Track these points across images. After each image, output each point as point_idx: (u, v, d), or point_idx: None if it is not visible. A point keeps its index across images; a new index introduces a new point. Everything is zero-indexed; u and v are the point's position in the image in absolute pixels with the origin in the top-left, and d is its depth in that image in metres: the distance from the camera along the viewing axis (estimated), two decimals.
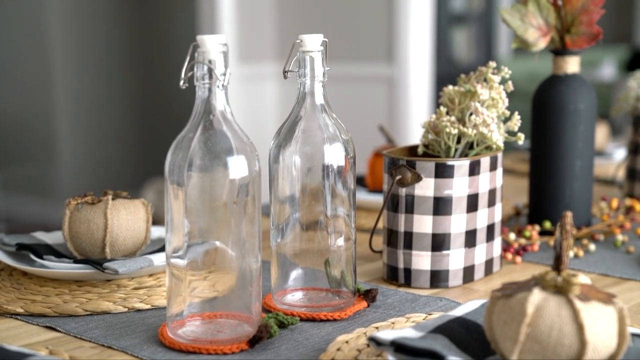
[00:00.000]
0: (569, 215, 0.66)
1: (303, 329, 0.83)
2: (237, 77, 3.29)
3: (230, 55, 3.24)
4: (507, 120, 1.03)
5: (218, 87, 0.77)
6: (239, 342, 0.77)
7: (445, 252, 0.97)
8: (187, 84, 0.77)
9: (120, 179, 4.51)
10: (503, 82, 1.03)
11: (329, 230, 0.89)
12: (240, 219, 0.78)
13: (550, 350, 0.62)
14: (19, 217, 4.37)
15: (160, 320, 0.86)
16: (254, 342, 0.77)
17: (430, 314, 0.86)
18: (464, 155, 1.01)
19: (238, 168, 0.77)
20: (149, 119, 4.66)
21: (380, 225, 1.02)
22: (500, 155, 1.01)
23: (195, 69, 0.77)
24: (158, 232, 1.09)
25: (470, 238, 0.98)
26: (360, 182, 1.47)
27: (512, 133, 1.04)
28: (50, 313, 0.87)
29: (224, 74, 0.77)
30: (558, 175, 1.17)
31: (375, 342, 0.68)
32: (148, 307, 0.90)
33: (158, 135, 4.58)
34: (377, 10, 3.20)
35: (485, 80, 1.02)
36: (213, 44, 0.76)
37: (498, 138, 0.99)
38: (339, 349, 0.76)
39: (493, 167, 1.00)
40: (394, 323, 0.83)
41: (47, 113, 4.36)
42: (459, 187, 0.96)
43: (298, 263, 0.90)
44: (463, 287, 0.99)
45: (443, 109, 1.01)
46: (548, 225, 1.16)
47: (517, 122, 1.02)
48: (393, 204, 0.97)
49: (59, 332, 0.84)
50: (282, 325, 0.82)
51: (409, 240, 0.97)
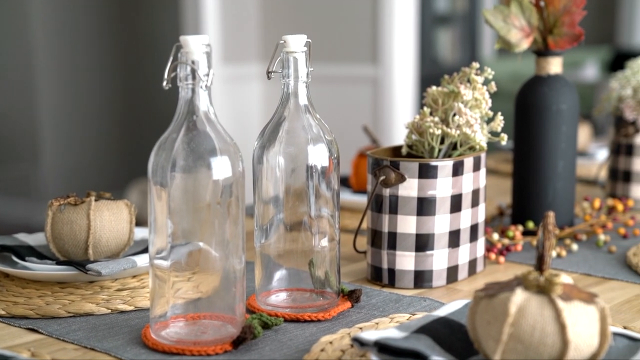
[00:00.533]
0: (551, 216, 0.66)
1: (287, 330, 0.83)
2: (221, 77, 3.28)
3: (215, 56, 3.25)
4: (490, 121, 1.04)
5: (201, 87, 0.77)
6: (223, 343, 0.77)
7: (429, 252, 0.97)
8: (170, 85, 0.77)
9: (104, 180, 4.49)
10: (486, 82, 1.03)
11: (313, 231, 0.89)
12: (224, 220, 0.78)
13: (533, 350, 0.62)
14: (2, 218, 4.34)
15: (144, 322, 0.85)
16: (238, 343, 0.77)
17: (414, 314, 0.86)
18: (448, 156, 1.02)
19: (221, 169, 0.77)
20: (133, 120, 4.64)
21: (364, 226, 1.02)
22: (484, 156, 1.02)
23: (179, 70, 0.77)
24: (142, 233, 1.09)
25: (454, 238, 0.99)
26: (345, 182, 1.47)
27: (495, 133, 1.04)
28: (33, 315, 0.87)
29: (207, 75, 0.77)
30: (541, 176, 1.18)
31: (359, 342, 0.68)
32: (131, 308, 0.89)
33: (142, 136, 4.57)
34: (361, 11, 3.20)
35: (469, 81, 1.03)
36: (196, 45, 0.76)
37: (481, 138, 1.00)
38: (323, 350, 0.76)
39: (476, 167, 1.00)
40: (378, 323, 0.83)
41: (30, 114, 4.33)
42: (443, 187, 0.96)
43: (282, 264, 0.90)
44: (447, 287, 0.99)
45: (427, 110, 1.02)
46: (531, 226, 1.17)
47: (500, 122, 1.03)
48: (377, 205, 0.98)
49: (41, 334, 0.83)
50: (266, 326, 0.82)
51: (393, 241, 0.97)
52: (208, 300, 0.80)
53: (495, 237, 1.12)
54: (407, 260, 0.97)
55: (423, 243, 0.97)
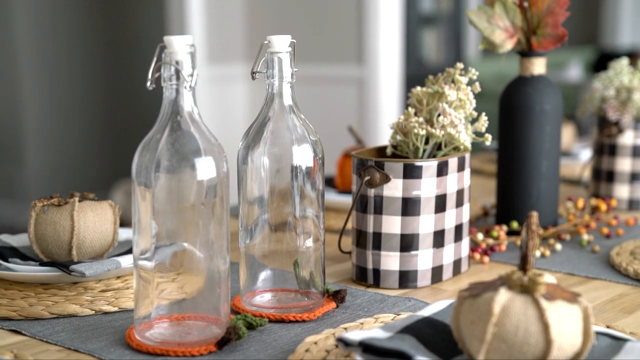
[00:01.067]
0: (535, 216, 0.66)
1: (272, 330, 0.83)
2: (206, 78, 3.27)
3: (200, 56, 3.24)
4: (474, 121, 1.04)
5: (185, 88, 0.77)
6: (207, 343, 0.77)
7: (414, 252, 0.97)
8: (154, 85, 0.77)
9: (89, 181, 4.46)
10: (470, 83, 1.04)
11: (298, 231, 0.89)
12: (209, 221, 0.78)
13: (517, 350, 0.62)
14: None
15: (128, 323, 0.85)
16: (222, 343, 0.77)
17: (399, 314, 0.86)
18: (432, 156, 1.02)
19: (206, 169, 0.76)
20: (118, 121, 4.62)
21: (349, 226, 1.02)
22: (468, 156, 1.02)
23: (163, 70, 0.76)
24: (126, 233, 1.08)
25: (439, 238, 0.99)
26: (330, 183, 1.47)
27: (479, 134, 1.04)
28: (16, 316, 0.86)
29: (191, 75, 0.76)
30: (525, 176, 1.19)
31: (344, 342, 0.68)
32: (115, 309, 0.89)
33: (127, 137, 4.55)
34: (346, 12, 3.20)
35: (453, 82, 1.03)
36: (180, 45, 0.75)
37: (465, 139, 1.00)
38: (308, 350, 0.76)
39: (461, 167, 1.00)
40: (363, 324, 0.83)
41: (13, 114, 4.30)
42: (427, 187, 0.96)
43: (267, 264, 0.90)
44: (431, 287, 0.99)
45: (411, 110, 1.02)
46: (515, 225, 1.17)
47: (484, 123, 1.03)
48: (362, 205, 0.98)
49: (24, 335, 0.83)
50: (250, 327, 0.82)
51: (378, 241, 0.97)
52: (192, 301, 0.79)
53: (480, 237, 1.12)
54: (391, 261, 0.97)
55: (408, 243, 0.97)
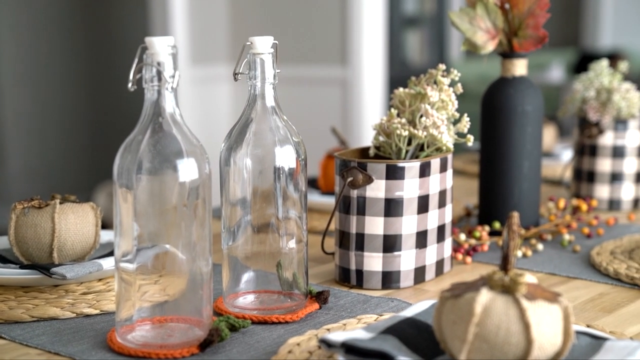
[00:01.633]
0: (515, 216, 0.67)
1: (254, 332, 0.83)
2: (189, 79, 3.26)
3: (183, 57, 3.23)
4: (456, 122, 1.05)
5: (167, 89, 0.76)
6: (190, 346, 0.77)
7: (397, 253, 0.98)
8: (135, 86, 0.77)
9: (71, 183, 4.44)
10: (453, 84, 1.04)
11: (281, 233, 0.88)
12: (191, 222, 0.77)
13: (498, 349, 0.62)
14: None
15: (109, 326, 0.85)
16: (205, 345, 0.77)
17: (382, 315, 0.86)
18: (415, 157, 1.02)
19: (188, 171, 0.76)
20: (99, 122, 4.60)
21: (332, 227, 1.02)
22: (451, 157, 1.02)
23: (144, 71, 0.76)
24: (108, 236, 1.08)
25: (421, 239, 0.99)
26: (313, 184, 1.47)
27: (461, 135, 1.05)
28: None
29: (173, 76, 0.76)
30: (507, 176, 1.19)
31: (326, 343, 0.68)
32: (97, 312, 0.88)
33: (108, 138, 4.52)
34: (330, 13, 3.21)
35: (435, 83, 1.03)
36: (162, 46, 0.75)
37: (448, 140, 1.01)
38: (290, 351, 0.76)
39: (443, 168, 1.01)
40: (346, 324, 0.83)
41: None
42: (410, 188, 0.97)
43: (249, 266, 0.90)
44: (414, 287, 0.99)
45: (394, 111, 1.02)
46: (497, 226, 1.18)
47: (466, 124, 1.04)
48: (345, 206, 0.98)
49: (4, 339, 0.82)
50: (233, 329, 0.81)
51: (361, 242, 0.97)
52: (175, 303, 0.79)
53: (462, 237, 1.13)
54: (374, 261, 0.97)
55: (390, 244, 0.97)
